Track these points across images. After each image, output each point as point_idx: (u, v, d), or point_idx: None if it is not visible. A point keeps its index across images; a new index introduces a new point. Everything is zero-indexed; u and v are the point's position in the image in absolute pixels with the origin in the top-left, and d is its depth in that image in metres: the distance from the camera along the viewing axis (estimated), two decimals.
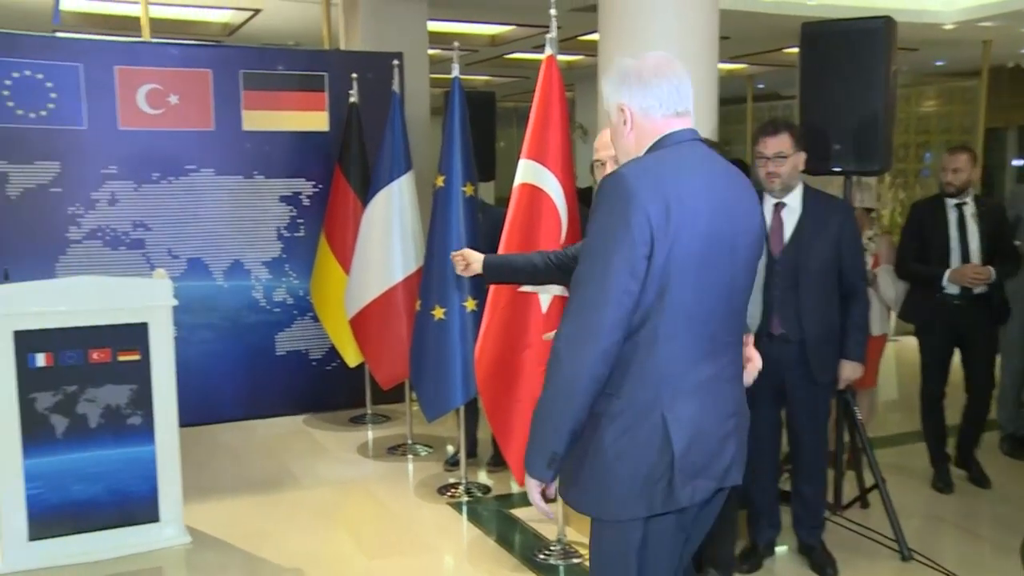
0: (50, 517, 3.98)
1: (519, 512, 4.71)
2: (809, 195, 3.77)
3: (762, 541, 3.99)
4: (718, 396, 2.14)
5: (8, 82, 5.54)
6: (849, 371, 3.86)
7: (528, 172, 3.82)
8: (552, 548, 4.18)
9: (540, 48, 4.13)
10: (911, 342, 5.20)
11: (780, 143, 3.69)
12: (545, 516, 2.43)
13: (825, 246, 3.70)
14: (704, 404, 2.10)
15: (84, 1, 8.28)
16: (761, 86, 13.51)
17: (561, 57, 3.92)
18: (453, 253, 3.52)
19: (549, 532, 4.32)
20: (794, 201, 3.75)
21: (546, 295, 3.83)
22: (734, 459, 2.19)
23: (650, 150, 2.16)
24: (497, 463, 5.25)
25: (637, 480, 2.07)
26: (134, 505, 4.11)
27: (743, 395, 2.27)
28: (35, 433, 3.93)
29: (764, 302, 3.57)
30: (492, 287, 3.93)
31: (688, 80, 2.19)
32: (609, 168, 2.58)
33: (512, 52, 10.80)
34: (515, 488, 5.01)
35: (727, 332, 2.18)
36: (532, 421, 2.13)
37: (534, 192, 3.81)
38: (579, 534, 4.33)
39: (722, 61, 5.45)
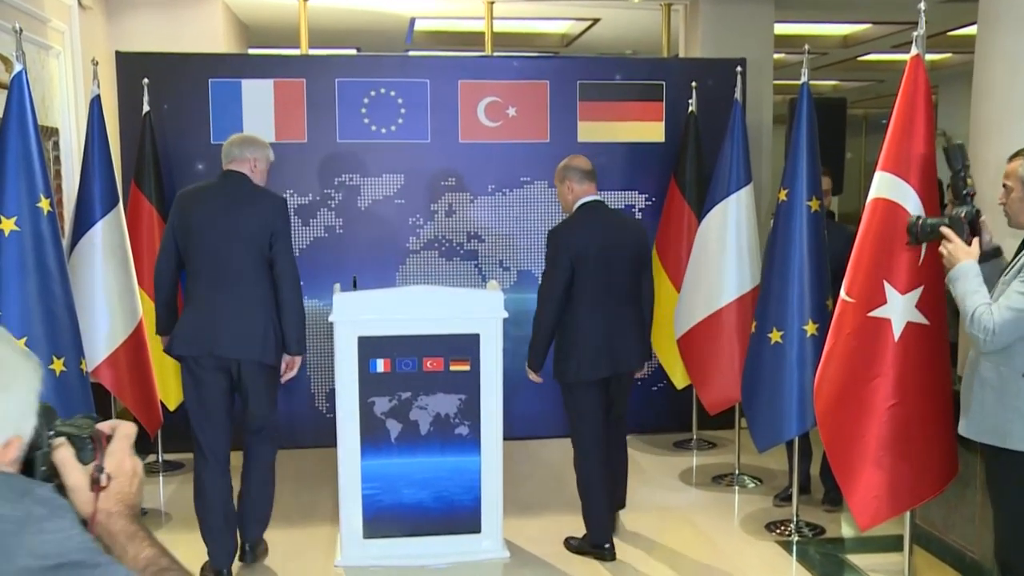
0: (382, 518, 4.27)
1: (856, 558, 4.42)
2: None
3: None
4: None
5: (366, 100, 6.08)
6: None
7: (884, 185, 3.56)
8: None
9: (899, 47, 3.84)
10: None
11: None
12: None
13: None
14: None
15: (434, 21, 8.92)
16: None
17: (926, 56, 3.60)
18: None
19: None
20: None
21: (899, 321, 3.53)
22: None
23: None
24: (833, 502, 4.94)
25: None
26: (457, 514, 4.31)
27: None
28: (372, 435, 4.24)
29: None
30: (837, 310, 3.71)
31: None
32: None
33: (866, 53, 10.20)
34: (849, 531, 4.70)
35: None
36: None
37: (891, 208, 3.54)
38: None
39: None
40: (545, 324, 4.28)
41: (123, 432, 1.44)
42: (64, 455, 1.37)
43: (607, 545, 4.39)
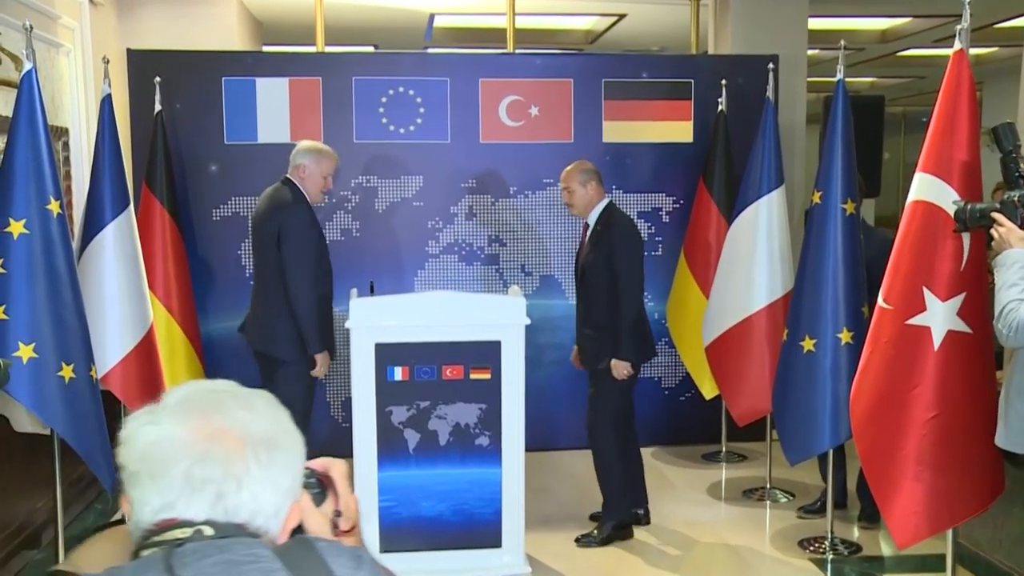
0: (399, 531, 4.27)
1: None
2: None
3: None
4: None
5: (384, 99, 6.10)
6: None
7: (924, 188, 3.53)
8: None
9: (941, 42, 3.81)
10: None
11: None
12: None
13: None
14: None
15: (454, 17, 8.94)
16: None
17: (970, 50, 3.58)
18: None
19: None
20: None
21: (939, 330, 3.50)
22: None
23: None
24: (870, 519, 4.91)
25: None
26: (477, 528, 4.30)
27: None
28: (390, 446, 4.24)
29: None
30: (874, 318, 3.69)
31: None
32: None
33: (906, 48, 10.13)
34: (887, 550, 4.66)
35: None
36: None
37: (931, 211, 3.50)
38: None
39: None
40: (637, 312, 4.70)
41: (341, 471, 1.44)
42: (304, 501, 1.35)
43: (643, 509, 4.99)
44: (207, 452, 1.19)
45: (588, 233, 4.83)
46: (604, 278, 4.71)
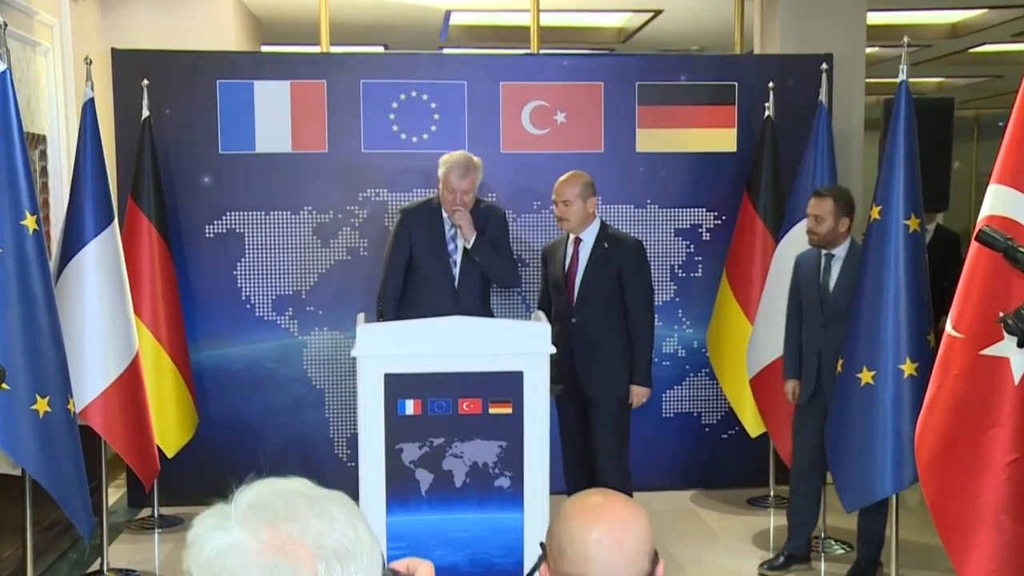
0: None
1: None
2: None
3: None
4: None
5: (395, 104, 6.10)
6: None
7: (1001, 201, 3.49)
8: None
9: (1020, 36, 3.76)
10: None
11: None
12: None
13: None
14: None
15: (472, 15, 8.97)
16: None
17: None
18: None
19: None
20: None
21: (1020, 361, 3.44)
22: None
23: None
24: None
25: None
26: None
27: None
28: (400, 488, 4.21)
29: None
30: (942, 347, 3.64)
31: None
32: None
33: (979, 44, 10.08)
34: None
35: None
36: None
37: (1009, 227, 3.44)
38: None
39: None
40: (652, 336, 5.07)
41: (426, 574, 1.49)
42: None
43: None
44: (276, 566, 1.20)
45: (586, 250, 5.02)
46: (611, 299, 4.94)
